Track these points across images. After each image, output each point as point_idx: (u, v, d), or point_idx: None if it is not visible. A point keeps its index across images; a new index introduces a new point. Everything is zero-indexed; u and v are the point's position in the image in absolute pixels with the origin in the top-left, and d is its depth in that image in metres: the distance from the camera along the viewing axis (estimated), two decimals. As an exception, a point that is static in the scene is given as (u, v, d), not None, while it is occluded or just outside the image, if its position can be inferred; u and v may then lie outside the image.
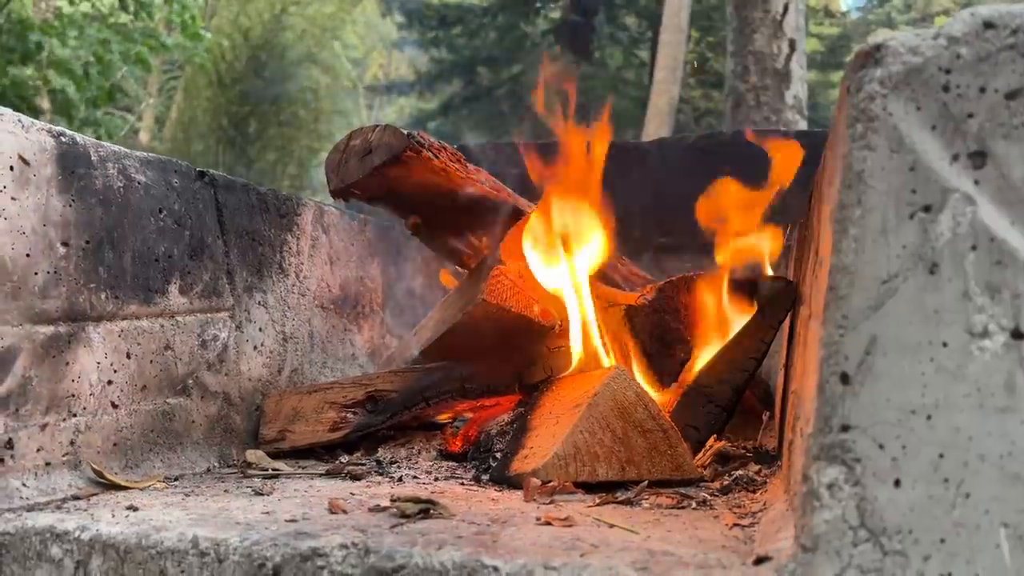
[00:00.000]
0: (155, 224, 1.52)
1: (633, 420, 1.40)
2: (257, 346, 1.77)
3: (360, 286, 2.17)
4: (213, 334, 1.65)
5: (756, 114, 6.53)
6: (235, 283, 1.72)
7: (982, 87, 0.83)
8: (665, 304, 1.67)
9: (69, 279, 1.33)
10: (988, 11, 0.85)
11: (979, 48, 0.83)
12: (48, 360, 1.29)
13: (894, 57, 0.85)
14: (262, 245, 1.81)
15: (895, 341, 0.82)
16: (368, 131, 1.69)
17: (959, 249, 0.82)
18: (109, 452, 1.39)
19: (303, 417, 1.70)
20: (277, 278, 1.85)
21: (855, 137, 0.85)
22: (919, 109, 0.84)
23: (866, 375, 0.82)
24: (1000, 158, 0.82)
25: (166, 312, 1.54)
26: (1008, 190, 0.82)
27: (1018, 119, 0.82)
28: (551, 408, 1.50)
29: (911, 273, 0.82)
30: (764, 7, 6.52)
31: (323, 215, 2.03)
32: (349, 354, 2.10)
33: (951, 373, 0.81)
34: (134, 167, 1.48)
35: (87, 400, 1.36)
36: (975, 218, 0.82)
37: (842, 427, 0.82)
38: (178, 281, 1.56)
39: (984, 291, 0.81)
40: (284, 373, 1.86)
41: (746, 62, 6.61)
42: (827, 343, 0.84)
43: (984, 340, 0.81)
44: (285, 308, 1.87)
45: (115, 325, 1.42)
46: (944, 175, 0.83)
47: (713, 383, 1.60)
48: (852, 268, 0.84)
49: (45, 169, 1.29)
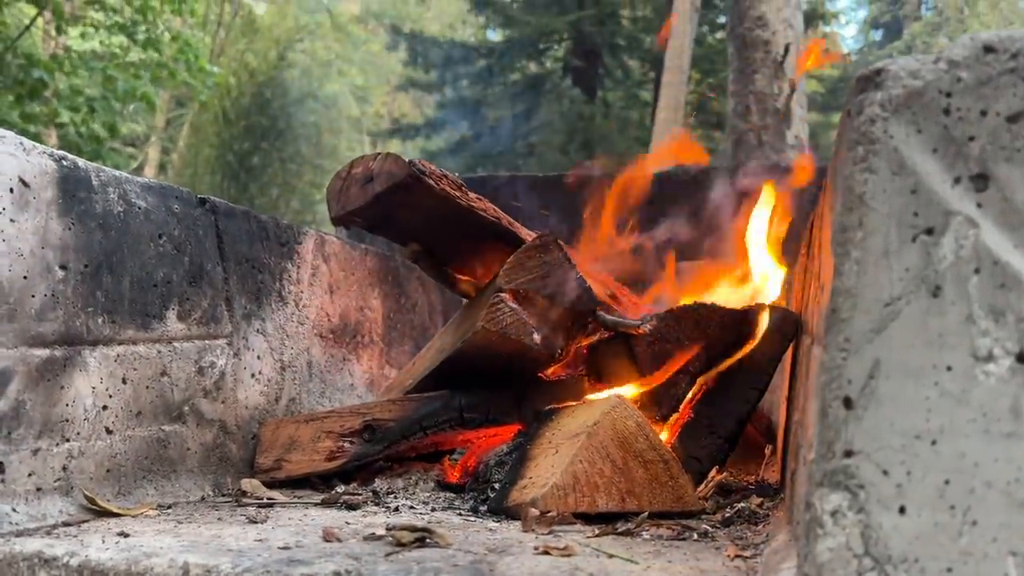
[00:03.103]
0: (154, 249, 1.51)
1: (634, 450, 1.38)
2: (255, 374, 1.76)
3: (360, 315, 2.16)
4: (210, 361, 1.64)
5: (758, 153, 6.56)
6: (234, 310, 1.71)
7: (983, 110, 0.83)
8: (665, 334, 1.66)
9: (66, 302, 1.32)
10: (988, 36, 0.85)
11: (979, 72, 0.83)
12: (43, 384, 1.27)
13: (894, 81, 0.85)
14: (262, 272, 1.80)
15: (898, 365, 0.81)
16: (370, 159, 1.70)
17: (962, 272, 0.81)
18: (102, 478, 1.37)
19: (299, 446, 1.68)
20: (276, 306, 1.84)
21: (856, 160, 0.84)
22: (920, 132, 0.84)
23: (869, 399, 0.81)
24: (1002, 181, 0.82)
25: (163, 338, 1.53)
26: (1011, 213, 0.81)
27: (1020, 142, 0.82)
28: (551, 437, 1.48)
29: (914, 296, 0.82)
30: (765, 48, 6.59)
31: (324, 244, 2.03)
32: (347, 383, 2.08)
33: (956, 397, 0.80)
34: (135, 192, 1.49)
35: (81, 425, 1.34)
36: (978, 241, 0.81)
37: (845, 452, 0.80)
38: (176, 307, 1.56)
39: (988, 314, 0.80)
40: (281, 402, 1.84)
41: (747, 102, 6.66)
42: (829, 367, 0.83)
43: (989, 364, 0.80)
44: (284, 336, 1.86)
45: (111, 350, 1.41)
46: (946, 198, 0.82)
47: (715, 414, 1.58)
48: (854, 291, 0.83)
49: (45, 192, 1.29)
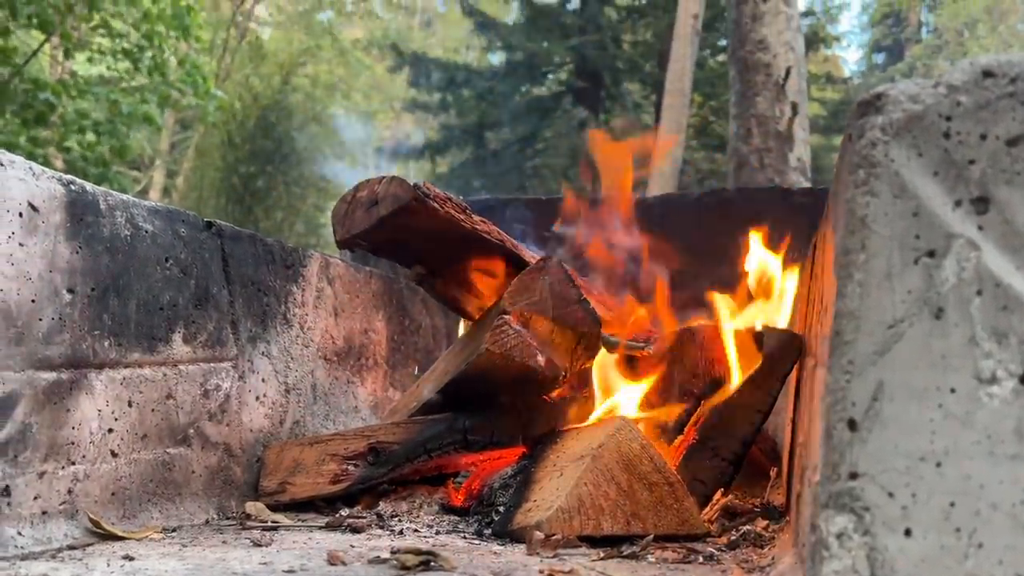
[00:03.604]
0: (161, 272, 1.52)
1: (638, 473, 1.38)
2: (259, 396, 1.76)
3: (364, 338, 2.16)
4: (215, 384, 1.64)
5: (760, 176, 6.59)
6: (239, 333, 1.71)
7: (983, 134, 0.84)
8: (671, 356, 1.66)
9: (73, 326, 1.33)
10: (987, 60, 0.86)
11: (979, 96, 0.84)
12: (49, 407, 1.28)
13: (895, 105, 0.86)
14: (267, 295, 1.81)
15: (902, 387, 0.81)
16: (375, 183, 1.71)
17: (964, 294, 0.82)
18: (107, 501, 1.37)
19: (304, 469, 1.68)
20: (281, 328, 1.85)
21: (858, 183, 0.85)
22: (920, 155, 0.85)
23: (874, 421, 0.81)
24: (1003, 204, 0.83)
25: (169, 361, 1.53)
26: (1012, 236, 0.82)
27: (1020, 165, 0.83)
28: (555, 460, 1.48)
29: (917, 318, 0.82)
30: (766, 71, 6.64)
31: (329, 266, 2.04)
32: (352, 406, 2.09)
33: (960, 419, 0.80)
34: (142, 216, 1.50)
35: (87, 448, 1.34)
36: (979, 263, 0.82)
37: (850, 474, 0.81)
38: (182, 330, 1.56)
39: (991, 336, 0.81)
40: (286, 424, 1.84)
41: (749, 125, 6.70)
42: (833, 389, 0.83)
43: (992, 386, 0.80)
44: (288, 359, 1.86)
45: (117, 373, 1.42)
46: (947, 220, 0.83)
47: (720, 436, 1.58)
48: (857, 313, 0.83)
49: (54, 216, 1.30)
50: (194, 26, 9.85)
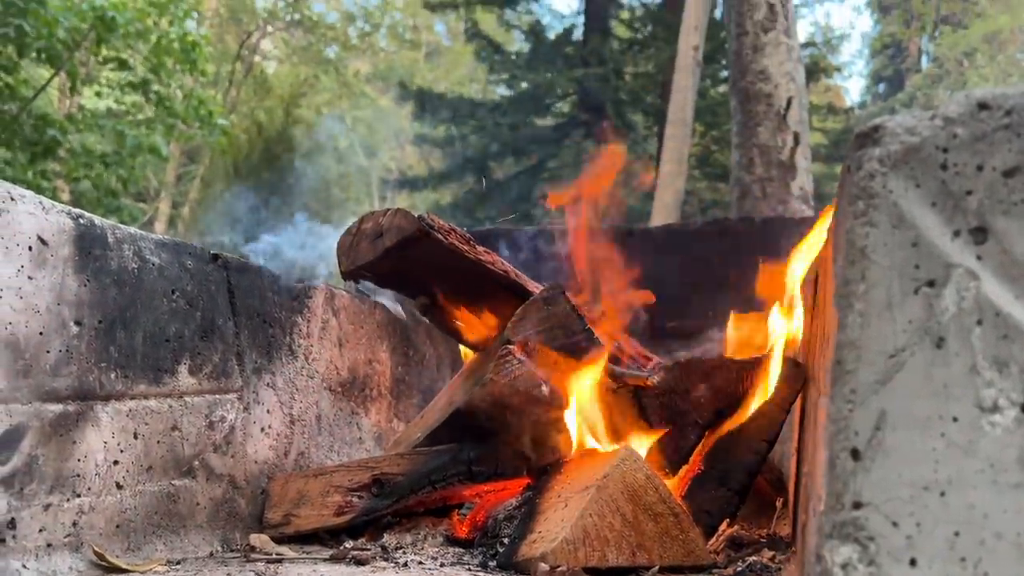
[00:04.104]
0: (167, 305, 1.53)
1: (644, 503, 1.38)
2: (264, 428, 1.76)
3: (369, 368, 2.17)
4: (221, 415, 1.65)
5: (763, 205, 6.61)
6: (244, 364, 1.72)
7: (979, 165, 0.85)
8: (674, 385, 1.66)
9: (80, 358, 1.34)
10: (982, 93, 0.87)
11: (975, 128, 0.86)
12: (55, 439, 1.28)
13: (892, 137, 0.87)
14: (272, 327, 1.82)
15: (905, 416, 0.81)
16: (380, 214, 1.73)
17: (965, 323, 0.82)
18: (111, 534, 1.37)
19: (308, 501, 1.68)
20: (286, 360, 1.86)
21: (857, 214, 0.86)
22: (918, 186, 0.86)
23: (876, 450, 0.81)
24: (1001, 234, 0.83)
25: (175, 392, 1.54)
26: (1011, 265, 0.83)
27: (1017, 196, 0.84)
28: (560, 491, 1.48)
29: (918, 347, 0.83)
30: (768, 101, 6.69)
31: (334, 298, 2.05)
32: (356, 437, 2.09)
33: (963, 448, 0.80)
34: (149, 249, 1.51)
35: (92, 480, 1.35)
36: (979, 293, 0.83)
37: (854, 504, 0.81)
38: (188, 362, 1.57)
39: (992, 365, 0.81)
40: (290, 456, 1.84)
41: (751, 154, 6.73)
42: (836, 418, 0.83)
43: (995, 415, 0.80)
44: (293, 390, 1.87)
45: (124, 405, 1.42)
46: (946, 250, 0.84)
47: (725, 466, 1.57)
48: (859, 343, 0.84)
49: (63, 249, 1.32)
50: (201, 60, 9.97)
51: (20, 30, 7.97)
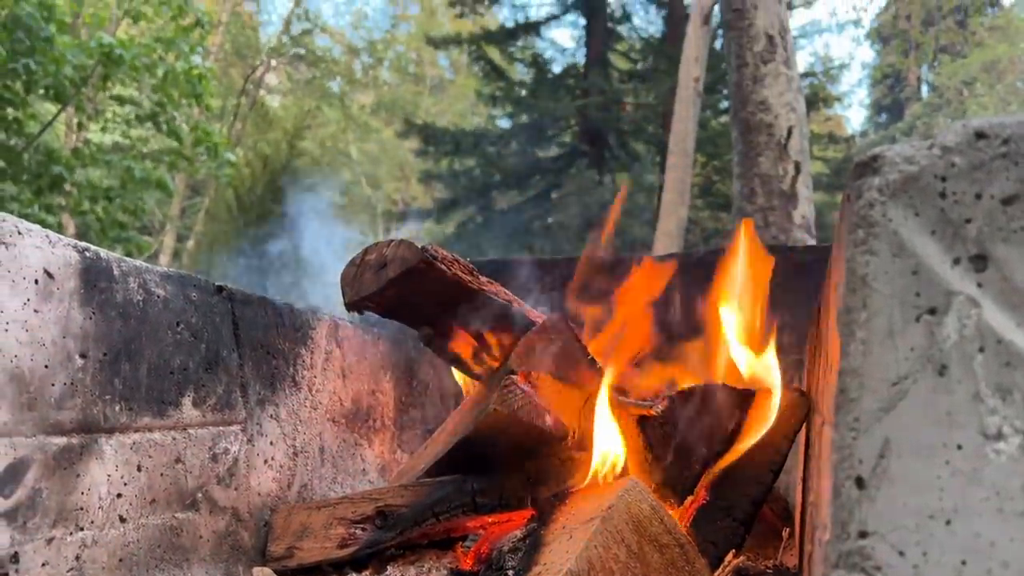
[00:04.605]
0: (172, 337, 1.54)
1: (649, 534, 1.37)
2: (267, 460, 1.76)
3: (372, 399, 2.17)
4: (224, 447, 1.64)
5: (765, 234, 6.63)
6: (248, 396, 1.72)
7: (978, 193, 0.86)
8: (678, 415, 1.66)
9: (85, 391, 1.34)
10: (979, 122, 0.88)
11: (972, 157, 0.86)
12: (59, 472, 1.28)
13: (891, 166, 0.88)
14: (276, 358, 1.82)
15: (909, 443, 0.81)
16: (383, 245, 1.74)
17: (967, 351, 0.83)
18: (114, 568, 1.37)
19: (312, 533, 1.67)
20: (290, 391, 1.86)
21: (857, 242, 0.87)
22: (918, 215, 0.86)
23: (881, 479, 0.81)
24: (1001, 261, 0.84)
25: (179, 425, 1.54)
26: (1012, 293, 0.83)
27: (1016, 223, 0.84)
28: (564, 522, 1.47)
29: (920, 375, 0.83)
30: (768, 131, 6.73)
31: (337, 329, 2.06)
32: (359, 468, 2.08)
33: (968, 476, 0.80)
34: (154, 281, 1.52)
35: (95, 513, 1.34)
36: (980, 320, 0.83)
37: (860, 533, 0.80)
38: (192, 394, 1.57)
39: (995, 393, 0.81)
40: (294, 488, 1.83)
41: (752, 184, 6.76)
42: (840, 446, 0.83)
43: (999, 442, 0.80)
44: (297, 422, 1.86)
45: (127, 437, 1.42)
46: (947, 278, 0.84)
47: (730, 496, 1.56)
48: (861, 371, 0.84)
49: (68, 282, 1.33)
50: (206, 94, 10.09)
51: (28, 67, 8.08)
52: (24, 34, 8.06)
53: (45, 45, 8.21)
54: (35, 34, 8.11)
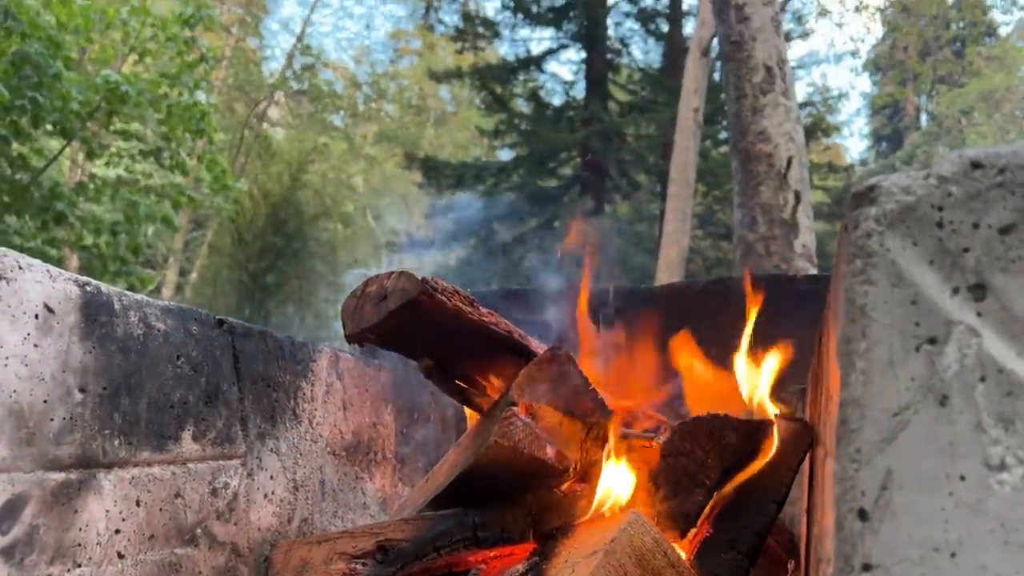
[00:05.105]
0: (172, 371, 1.54)
1: (652, 568, 1.36)
2: (268, 494, 1.75)
3: (373, 432, 2.16)
4: (224, 482, 1.63)
5: (766, 263, 6.63)
6: (248, 429, 1.71)
7: (975, 223, 0.86)
8: (681, 446, 1.64)
9: (84, 425, 1.34)
10: (974, 152, 0.88)
11: (968, 186, 0.87)
12: (57, 508, 1.27)
13: (887, 196, 0.88)
14: (276, 391, 1.82)
15: (911, 475, 0.81)
16: (384, 277, 1.74)
17: (968, 381, 0.82)
18: (111, 605, 1.35)
19: (312, 568, 1.65)
20: (290, 424, 1.85)
21: (855, 272, 0.87)
22: (916, 244, 0.86)
23: (884, 511, 0.80)
24: (1000, 291, 0.84)
25: (178, 459, 1.53)
26: (1012, 322, 0.83)
27: (1014, 252, 0.84)
28: (567, 556, 1.45)
29: (921, 405, 0.82)
30: (768, 161, 6.76)
31: (338, 361, 2.05)
32: (360, 502, 2.06)
33: (972, 508, 0.79)
34: (155, 315, 1.52)
35: (93, 550, 1.33)
36: (981, 350, 0.83)
37: (864, 566, 0.79)
38: (192, 428, 1.57)
39: (997, 423, 0.81)
40: (294, 522, 1.82)
41: (753, 213, 6.78)
42: (842, 478, 0.83)
43: (1003, 473, 0.80)
44: (297, 455, 1.85)
45: (126, 472, 1.42)
46: (946, 308, 0.84)
47: (734, 528, 1.55)
48: (862, 401, 0.84)
49: (69, 317, 1.33)
50: (209, 128, 10.18)
51: (35, 102, 8.16)
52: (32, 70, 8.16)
53: (53, 81, 8.31)
54: (43, 70, 8.21)
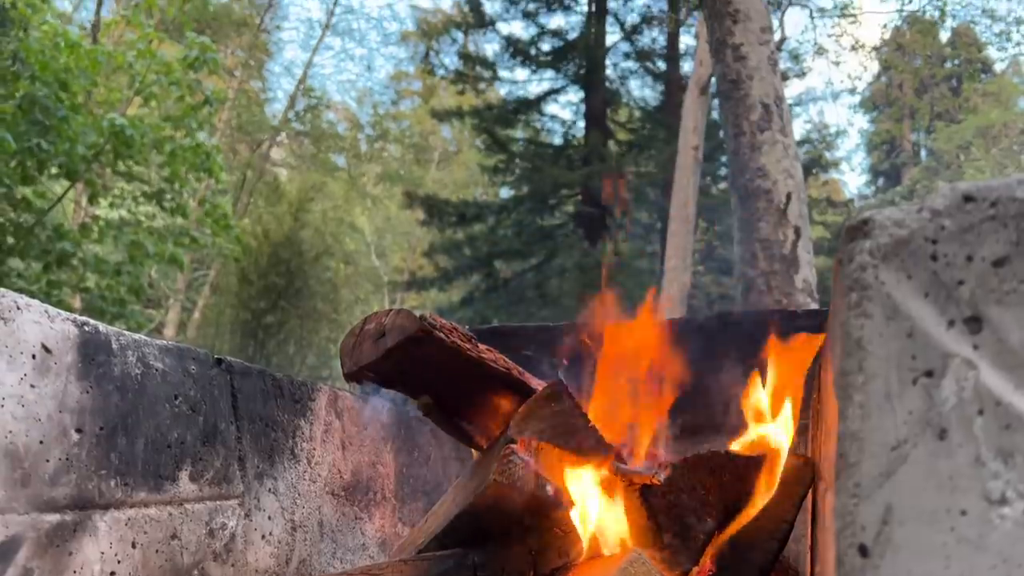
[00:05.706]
0: (170, 410, 1.53)
1: (653, 608, 1.34)
2: (265, 535, 1.73)
3: (372, 471, 2.14)
4: (221, 522, 1.62)
5: (767, 298, 6.63)
6: (246, 469, 1.70)
7: (969, 256, 0.86)
8: (681, 483, 1.63)
9: (80, 466, 1.33)
10: (967, 185, 0.89)
11: (961, 220, 0.87)
12: (51, 550, 1.26)
13: (881, 230, 0.89)
14: (275, 431, 1.81)
15: (912, 509, 0.80)
16: (382, 315, 1.74)
17: (966, 414, 0.82)
18: (105, 650, 1.33)
19: (310, 611, 1.63)
20: (289, 464, 1.83)
21: (851, 305, 0.87)
22: (910, 277, 0.86)
23: (885, 546, 0.79)
24: (995, 323, 0.84)
25: (175, 500, 1.52)
26: (1007, 354, 0.83)
27: (1008, 285, 0.84)
28: (567, 596, 1.43)
29: (920, 439, 0.82)
30: (767, 197, 6.80)
31: (337, 400, 2.04)
32: (359, 543, 2.04)
33: (973, 543, 0.78)
34: (153, 355, 1.52)
35: (87, 593, 1.31)
36: (978, 382, 0.82)
37: (866, 604, 0.78)
38: (189, 468, 1.56)
39: (997, 456, 0.80)
40: (292, 564, 1.80)
41: (753, 249, 6.80)
42: (842, 513, 0.82)
43: (1003, 507, 0.79)
44: (295, 495, 1.84)
45: (123, 513, 1.40)
46: (942, 340, 0.84)
47: (737, 566, 1.53)
48: (860, 435, 0.83)
49: (66, 357, 1.33)
50: (215, 167, 10.25)
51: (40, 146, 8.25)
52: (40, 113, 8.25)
53: (60, 124, 8.40)
54: (51, 113, 8.30)
